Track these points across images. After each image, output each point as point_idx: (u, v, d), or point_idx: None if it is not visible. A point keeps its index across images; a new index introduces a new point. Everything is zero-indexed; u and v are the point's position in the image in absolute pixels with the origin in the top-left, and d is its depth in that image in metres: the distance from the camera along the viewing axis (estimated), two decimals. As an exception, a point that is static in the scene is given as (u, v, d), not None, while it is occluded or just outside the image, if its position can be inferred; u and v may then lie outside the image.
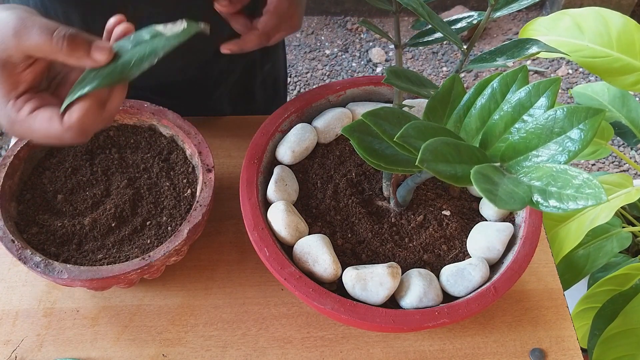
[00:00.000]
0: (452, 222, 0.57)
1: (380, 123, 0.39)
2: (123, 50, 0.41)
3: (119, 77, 0.40)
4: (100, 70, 0.41)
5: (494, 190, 0.30)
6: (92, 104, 0.41)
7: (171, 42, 0.39)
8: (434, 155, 0.33)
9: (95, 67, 0.41)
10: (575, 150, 0.34)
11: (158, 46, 0.39)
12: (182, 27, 0.40)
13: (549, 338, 0.59)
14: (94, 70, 0.41)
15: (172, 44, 0.39)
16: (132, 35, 0.41)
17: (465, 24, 0.52)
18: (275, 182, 0.57)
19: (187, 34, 0.39)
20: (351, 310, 0.49)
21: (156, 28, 0.41)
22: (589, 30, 0.84)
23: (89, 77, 0.41)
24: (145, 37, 0.41)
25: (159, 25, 0.41)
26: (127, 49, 0.41)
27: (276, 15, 0.62)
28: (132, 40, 0.41)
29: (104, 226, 0.58)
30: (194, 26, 0.40)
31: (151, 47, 0.39)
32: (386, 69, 0.45)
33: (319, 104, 0.64)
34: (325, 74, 1.97)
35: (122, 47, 0.41)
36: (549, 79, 0.37)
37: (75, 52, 0.40)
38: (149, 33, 0.41)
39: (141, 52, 0.40)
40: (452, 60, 1.99)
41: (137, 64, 0.39)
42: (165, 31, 0.40)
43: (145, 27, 0.41)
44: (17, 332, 0.58)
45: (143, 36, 0.41)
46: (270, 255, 0.51)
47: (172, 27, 0.40)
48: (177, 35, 0.39)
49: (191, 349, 0.57)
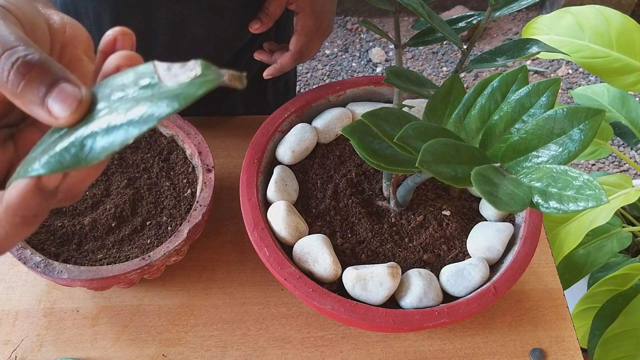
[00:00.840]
0: (452, 222, 0.57)
1: (380, 123, 0.39)
2: (100, 104, 0.25)
3: (72, 161, 0.23)
4: (60, 136, 0.24)
5: (494, 191, 0.30)
6: (33, 185, 0.25)
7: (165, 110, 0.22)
8: (434, 157, 0.33)
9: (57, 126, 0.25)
10: (575, 150, 0.34)
11: (143, 116, 0.22)
12: (194, 74, 0.23)
13: (549, 338, 0.59)
14: (57, 132, 0.25)
15: (164, 113, 0.22)
16: (119, 77, 0.25)
17: (465, 24, 0.52)
18: (275, 182, 0.57)
19: (197, 90, 0.22)
20: (351, 310, 0.49)
21: (157, 69, 0.24)
22: (589, 29, 0.84)
23: (44, 145, 0.25)
24: (132, 89, 0.24)
25: (161, 66, 0.24)
26: (105, 103, 0.24)
27: (304, 34, 0.65)
28: (117, 86, 0.25)
29: (104, 226, 0.58)
30: (213, 76, 0.23)
31: (134, 117, 0.22)
32: (386, 69, 0.45)
33: (319, 104, 0.64)
34: (325, 74, 1.97)
35: (102, 96, 0.25)
36: (549, 79, 0.37)
37: (25, 94, 0.24)
38: (141, 79, 0.24)
39: (116, 120, 0.23)
40: (452, 60, 1.99)
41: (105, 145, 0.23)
42: (166, 79, 0.24)
43: (144, 65, 0.25)
44: (17, 332, 0.58)
45: (129, 85, 0.24)
46: (270, 255, 0.51)
47: (179, 72, 0.23)
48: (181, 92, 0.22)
49: (191, 349, 0.57)
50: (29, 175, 0.24)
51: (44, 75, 0.24)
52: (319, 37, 0.67)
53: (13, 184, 0.25)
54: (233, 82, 0.23)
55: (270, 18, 0.65)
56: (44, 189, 0.25)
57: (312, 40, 0.66)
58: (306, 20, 0.64)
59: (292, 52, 0.66)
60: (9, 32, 0.25)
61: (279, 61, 0.67)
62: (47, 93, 0.24)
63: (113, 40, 0.29)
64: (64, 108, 0.24)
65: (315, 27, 0.65)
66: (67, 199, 0.28)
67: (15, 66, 0.24)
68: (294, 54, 0.66)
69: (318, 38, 0.67)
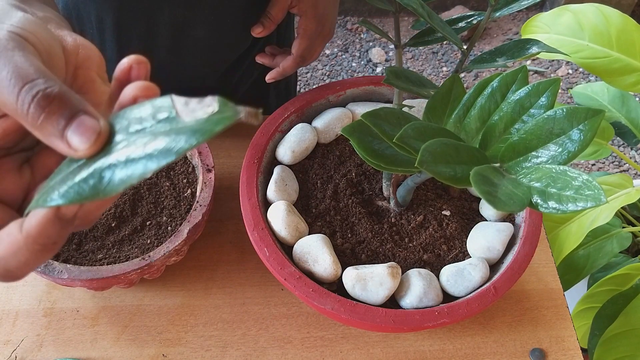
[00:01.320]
0: (452, 222, 0.57)
1: (379, 123, 0.39)
2: (118, 136, 0.25)
3: (91, 192, 0.24)
4: (79, 167, 0.25)
5: (494, 191, 0.30)
6: (53, 215, 0.26)
7: (184, 145, 0.22)
8: (433, 157, 0.33)
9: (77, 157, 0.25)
10: (574, 151, 0.34)
11: (162, 151, 0.22)
12: (211, 111, 0.23)
13: (549, 338, 0.59)
14: (75, 162, 0.25)
15: (183, 148, 0.22)
16: (137, 109, 0.25)
17: (465, 24, 0.53)
18: (275, 182, 0.57)
19: (215, 127, 0.22)
20: (351, 310, 0.49)
21: (174, 104, 0.24)
22: (589, 28, 0.84)
23: (63, 174, 0.25)
24: (149, 122, 0.24)
25: (179, 100, 0.24)
26: (123, 136, 0.25)
27: (307, 37, 0.65)
28: (135, 119, 0.25)
29: (104, 226, 0.58)
30: (230, 113, 0.23)
31: (152, 150, 0.23)
32: (386, 69, 0.45)
33: (319, 104, 0.64)
34: (325, 74, 1.97)
35: (120, 129, 0.25)
36: (549, 80, 0.37)
37: (45, 127, 0.25)
38: (158, 113, 0.24)
39: (134, 154, 0.23)
40: (452, 60, 1.99)
41: (123, 177, 0.23)
42: (183, 114, 0.24)
43: (161, 98, 0.25)
44: (17, 332, 0.58)
45: (147, 118, 0.24)
46: (270, 255, 0.51)
47: (197, 108, 0.23)
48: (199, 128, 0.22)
49: (191, 349, 0.57)
50: (49, 205, 0.24)
51: (63, 108, 0.25)
52: (321, 40, 0.67)
53: (32, 213, 0.26)
54: (250, 119, 0.23)
55: (272, 22, 0.65)
56: (63, 217, 0.26)
57: (314, 43, 0.66)
58: (308, 23, 0.64)
59: (294, 55, 0.66)
60: (28, 64, 0.25)
61: (282, 65, 0.67)
62: (66, 125, 0.25)
63: (128, 68, 0.29)
64: (83, 140, 0.24)
65: (317, 31, 0.65)
66: (83, 224, 0.28)
67: (36, 99, 0.25)
68: (296, 57, 0.66)
69: (320, 41, 0.67)
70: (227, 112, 0.23)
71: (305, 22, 0.64)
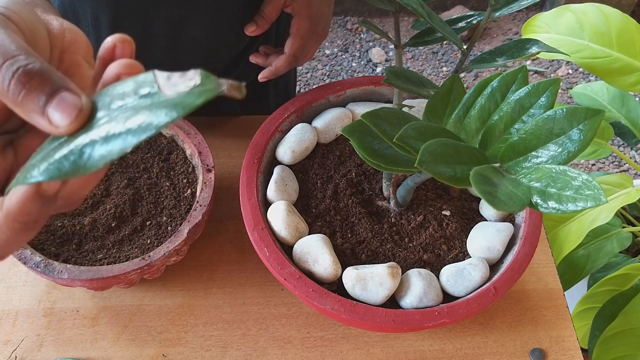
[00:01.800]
0: (452, 222, 0.57)
1: (379, 123, 0.39)
2: (100, 113, 0.25)
3: (71, 168, 0.23)
4: (60, 144, 0.25)
5: (494, 191, 0.30)
6: (33, 192, 0.25)
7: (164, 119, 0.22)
8: (433, 157, 0.33)
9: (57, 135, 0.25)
10: (574, 150, 0.34)
11: (142, 125, 0.22)
12: (193, 84, 0.23)
13: (549, 338, 0.59)
14: (56, 140, 0.25)
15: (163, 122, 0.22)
16: (120, 86, 0.25)
17: (465, 24, 0.52)
18: (275, 182, 0.57)
19: (196, 100, 0.22)
20: (351, 310, 0.49)
21: (156, 79, 0.24)
22: (589, 28, 0.84)
23: (44, 152, 0.25)
24: (131, 98, 0.24)
25: (161, 75, 0.24)
26: (105, 112, 0.24)
27: (300, 36, 0.65)
28: (117, 95, 0.25)
29: (104, 226, 0.58)
30: (212, 86, 0.23)
31: (132, 126, 0.23)
32: (386, 69, 0.45)
33: (319, 104, 0.64)
34: (325, 74, 1.97)
35: (102, 105, 0.25)
36: (549, 80, 0.37)
37: (26, 103, 0.24)
38: (141, 88, 0.24)
39: (115, 129, 0.23)
40: (452, 60, 1.99)
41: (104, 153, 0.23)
42: (165, 89, 0.24)
43: (143, 74, 0.25)
44: (17, 332, 0.58)
45: (129, 93, 0.24)
46: (270, 255, 0.51)
47: (179, 82, 0.24)
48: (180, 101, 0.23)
49: (191, 349, 0.57)
50: (29, 182, 0.24)
51: (44, 85, 0.25)
52: (314, 40, 0.67)
53: (13, 190, 0.25)
54: (232, 92, 0.23)
55: (266, 21, 0.65)
56: (44, 195, 0.26)
57: (307, 43, 0.66)
58: (302, 23, 0.64)
59: (287, 54, 0.66)
60: (10, 41, 0.25)
61: (274, 64, 0.67)
62: (47, 102, 0.24)
63: (112, 47, 0.28)
64: (64, 117, 0.24)
65: (310, 31, 0.65)
66: (67, 205, 0.28)
67: (16, 75, 0.24)
68: (288, 56, 0.66)
69: (314, 41, 0.67)
70: (209, 85, 0.23)
71: (299, 22, 0.64)
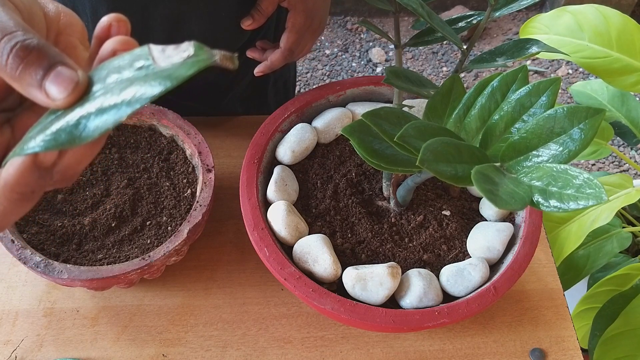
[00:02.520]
0: (452, 222, 0.57)
1: (380, 123, 0.39)
2: (96, 86, 0.25)
3: (67, 139, 0.24)
4: (57, 117, 0.25)
5: (495, 190, 0.30)
6: (30, 162, 0.26)
7: (157, 89, 0.23)
8: (434, 155, 0.33)
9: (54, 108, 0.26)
10: (575, 150, 0.34)
11: (135, 95, 0.23)
12: (187, 55, 0.24)
13: (549, 338, 0.59)
14: (53, 114, 0.26)
15: (156, 92, 0.23)
16: (116, 60, 0.26)
17: (465, 24, 0.52)
18: (275, 182, 0.57)
19: (189, 70, 0.23)
20: (351, 310, 0.49)
21: (151, 52, 0.25)
22: (589, 29, 0.84)
23: (41, 125, 0.26)
24: (127, 71, 0.25)
25: (156, 48, 0.25)
26: (101, 85, 0.25)
27: (295, 31, 0.65)
28: (113, 69, 0.26)
29: (104, 226, 0.58)
30: (205, 56, 0.24)
31: (127, 96, 0.23)
32: (386, 69, 0.45)
33: (319, 104, 0.64)
34: (325, 74, 1.97)
35: (98, 79, 0.26)
36: (549, 79, 0.37)
37: (24, 77, 0.25)
38: (136, 61, 0.25)
39: (110, 101, 0.24)
40: (452, 60, 1.99)
41: (99, 124, 0.24)
42: (160, 60, 0.24)
43: (139, 48, 0.26)
44: (17, 332, 0.58)
45: (125, 66, 0.25)
46: (270, 255, 0.51)
47: (173, 54, 0.24)
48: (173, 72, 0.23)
49: (191, 349, 0.57)
50: (26, 153, 0.25)
51: (41, 59, 0.25)
52: (310, 35, 0.67)
53: (10, 162, 0.26)
54: (225, 62, 0.24)
55: (262, 15, 0.65)
56: (41, 165, 0.26)
57: (303, 38, 0.66)
58: (297, 17, 0.64)
59: (282, 49, 0.66)
60: (8, 18, 0.26)
61: (270, 58, 0.66)
62: (44, 76, 0.25)
63: (108, 26, 0.29)
64: (61, 90, 0.25)
65: (306, 25, 0.65)
66: (63, 179, 0.28)
67: (15, 50, 0.25)
68: (284, 50, 0.66)
69: (309, 36, 0.67)
70: (202, 55, 0.24)
71: (294, 16, 0.64)
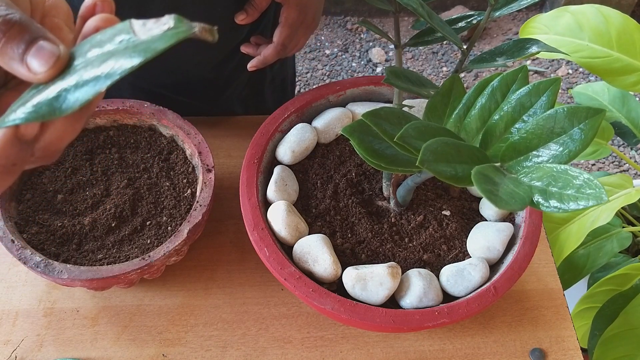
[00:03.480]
0: (452, 222, 0.57)
1: (380, 123, 0.39)
2: (78, 60, 0.26)
3: (48, 110, 0.25)
4: (38, 91, 0.26)
5: (495, 190, 0.30)
6: (12, 134, 0.27)
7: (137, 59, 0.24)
8: (434, 156, 0.33)
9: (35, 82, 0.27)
10: (575, 150, 0.34)
11: (118, 67, 0.24)
12: (167, 27, 0.25)
13: (549, 338, 0.59)
14: (35, 89, 0.26)
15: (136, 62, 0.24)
16: (99, 35, 0.27)
17: (465, 24, 0.52)
18: (275, 182, 0.57)
19: (168, 41, 0.24)
20: (351, 310, 0.49)
21: (132, 26, 0.26)
22: (589, 29, 0.84)
23: (22, 100, 0.26)
24: (108, 45, 0.26)
25: (137, 22, 0.26)
26: (82, 59, 0.26)
27: (288, 25, 0.65)
28: (95, 43, 0.26)
29: (104, 226, 0.58)
30: (184, 28, 0.24)
31: (106, 68, 0.24)
32: (386, 69, 0.45)
33: (319, 104, 0.64)
34: (325, 74, 1.97)
35: (80, 53, 0.26)
36: (549, 79, 0.37)
37: (6, 51, 0.26)
38: (117, 36, 0.26)
39: (90, 73, 0.25)
40: (452, 60, 1.99)
41: (79, 96, 0.24)
42: (141, 34, 0.25)
43: (121, 23, 0.27)
44: (17, 332, 0.58)
45: (106, 41, 0.26)
46: (270, 255, 0.51)
47: (153, 27, 0.25)
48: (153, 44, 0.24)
49: (191, 349, 0.57)
50: (6, 125, 0.26)
51: (23, 33, 0.26)
52: (303, 29, 0.67)
53: None
54: (204, 34, 0.25)
55: (256, 10, 0.64)
56: (22, 138, 0.27)
57: (296, 32, 0.66)
58: (290, 12, 0.64)
59: (275, 43, 0.65)
60: None
61: (263, 53, 0.66)
62: (26, 50, 0.26)
63: (93, 6, 0.30)
64: (42, 64, 0.26)
65: (299, 20, 0.65)
66: (45, 156, 0.29)
67: None
68: (277, 45, 0.65)
69: (303, 31, 0.67)
70: (182, 27, 0.24)
71: (287, 10, 0.64)
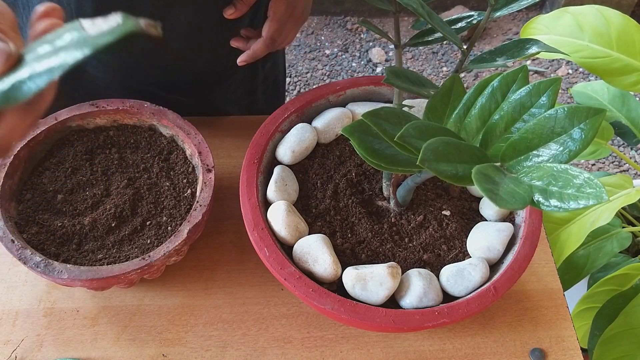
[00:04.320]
0: (452, 222, 0.57)
1: (380, 123, 0.39)
2: (29, 56, 0.30)
3: (1, 99, 0.28)
4: None
5: (495, 189, 0.30)
6: None
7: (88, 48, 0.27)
8: (435, 155, 0.33)
9: None
10: (576, 149, 0.34)
11: (68, 58, 0.27)
12: (115, 24, 0.28)
13: (549, 338, 0.59)
14: None
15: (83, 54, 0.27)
16: (49, 35, 0.31)
17: (465, 24, 0.52)
18: (275, 182, 0.57)
19: (116, 35, 0.28)
20: (351, 310, 0.48)
21: (82, 24, 0.29)
22: (589, 29, 0.84)
23: None
24: (59, 41, 0.29)
25: (86, 21, 0.29)
26: (33, 55, 0.30)
27: (276, 19, 0.64)
28: (46, 41, 0.30)
29: (104, 226, 0.58)
30: (130, 24, 0.28)
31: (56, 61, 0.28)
32: (386, 69, 0.45)
33: (319, 104, 0.64)
34: (325, 74, 1.97)
35: (31, 51, 0.30)
36: (549, 79, 0.37)
37: None
38: (67, 33, 0.30)
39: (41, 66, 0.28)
40: (452, 60, 1.99)
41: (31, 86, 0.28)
42: (90, 30, 0.29)
43: (70, 23, 0.30)
44: (17, 332, 0.58)
45: (56, 38, 0.30)
46: (270, 255, 0.51)
47: (102, 24, 0.29)
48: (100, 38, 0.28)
49: (191, 349, 0.57)
50: None
51: None
52: (292, 23, 0.66)
53: None
54: (149, 29, 0.29)
55: (244, 4, 0.64)
56: None
57: (284, 26, 0.66)
58: (278, 6, 0.64)
59: (264, 37, 0.65)
60: None
61: (252, 47, 0.66)
62: None
63: (43, 13, 0.33)
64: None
65: (287, 13, 0.65)
66: None
67: None
68: (266, 39, 0.65)
69: (292, 25, 0.67)
70: (128, 24, 0.28)
71: (275, 4, 0.64)
